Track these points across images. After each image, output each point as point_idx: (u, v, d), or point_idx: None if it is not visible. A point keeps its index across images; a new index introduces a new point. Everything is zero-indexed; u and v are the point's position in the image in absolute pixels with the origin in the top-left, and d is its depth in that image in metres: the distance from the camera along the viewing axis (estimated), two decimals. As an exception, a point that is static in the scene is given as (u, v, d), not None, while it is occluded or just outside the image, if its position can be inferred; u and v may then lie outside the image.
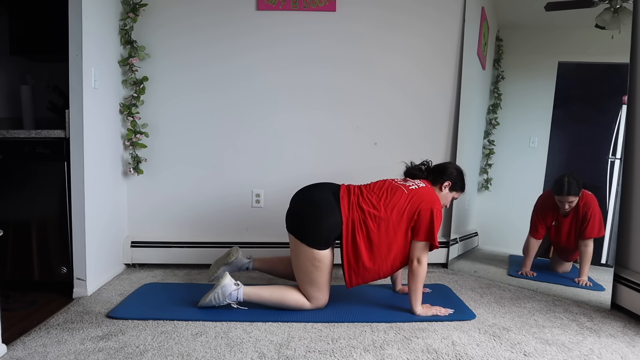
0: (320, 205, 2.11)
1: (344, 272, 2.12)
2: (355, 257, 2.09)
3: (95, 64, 2.44)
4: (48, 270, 2.39)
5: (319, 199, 2.13)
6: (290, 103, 2.98)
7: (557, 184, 2.65)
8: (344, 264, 2.10)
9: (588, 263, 2.49)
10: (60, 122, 2.41)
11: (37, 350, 1.75)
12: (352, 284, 2.14)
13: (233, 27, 2.93)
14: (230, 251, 2.43)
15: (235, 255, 2.41)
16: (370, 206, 2.10)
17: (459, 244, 3.09)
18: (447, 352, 1.78)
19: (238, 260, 2.42)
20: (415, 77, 3.01)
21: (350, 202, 2.12)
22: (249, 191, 3.01)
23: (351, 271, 2.11)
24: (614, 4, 2.44)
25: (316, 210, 2.09)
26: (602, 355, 1.79)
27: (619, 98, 2.40)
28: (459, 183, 2.33)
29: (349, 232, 2.08)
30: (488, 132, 3.03)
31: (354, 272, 2.11)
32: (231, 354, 1.74)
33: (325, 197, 2.14)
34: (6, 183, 2.36)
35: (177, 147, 2.96)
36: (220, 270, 2.39)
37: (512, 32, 3.01)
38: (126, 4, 2.77)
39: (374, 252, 2.09)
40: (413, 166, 2.34)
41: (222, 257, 2.45)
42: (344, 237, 2.08)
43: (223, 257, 2.44)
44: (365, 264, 2.09)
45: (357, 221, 2.08)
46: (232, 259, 2.40)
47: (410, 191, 2.15)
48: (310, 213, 2.10)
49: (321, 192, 2.18)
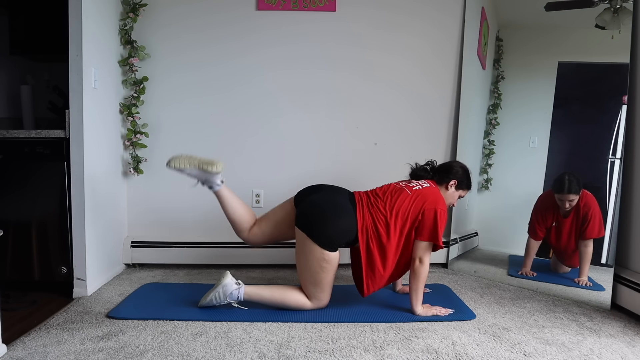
0: (339, 208, 2.10)
1: (362, 280, 2.11)
2: (371, 265, 2.10)
3: (95, 64, 2.44)
4: (48, 270, 2.39)
5: (337, 202, 2.13)
6: (290, 103, 2.98)
7: (557, 182, 2.65)
8: (363, 273, 2.10)
9: (588, 263, 2.49)
10: (60, 122, 2.41)
11: (37, 350, 1.75)
12: (370, 291, 2.14)
13: (233, 27, 2.93)
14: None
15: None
16: (378, 212, 2.11)
17: (459, 244, 3.09)
18: (447, 352, 1.78)
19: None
20: (415, 77, 3.01)
21: (364, 209, 2.12)
22: (249, 191, 3.01)
23: (369, 279, 2.12)
24: (614, 4, 2.43)
25: (335, 213, 2.08)
26: (602, 355, 1.79)
27: (619, 98, 2.40)
28: (465, 181, 2.33)
29: (364, 239, 2.08)
30: (488, 132, 3.03)
31: (371, 279, 2.12)
32: (231, 354, 1.74)
33: (343, 201, 2.14)
34: (6, 183, 2.36)
35: (177, 147, 2.96)
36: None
37: (512, 32, 3.01)
38: (126, 4, 2.77)
39: (387, 257, 2.09)
40: (418, 167, 2.35)
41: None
42: (361, 245, 2.08)
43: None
44: (380, 270, 2.10)
45: (369, 228, 2.08)
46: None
47: (413, 192, 2.15)
48: (327, 215, 2.08)
49: (338, 195, 2.18)
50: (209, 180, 2.25)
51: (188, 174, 2.22)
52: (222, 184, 2.28)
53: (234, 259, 2.94)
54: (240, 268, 2.92)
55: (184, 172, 2.21)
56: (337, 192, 2.21)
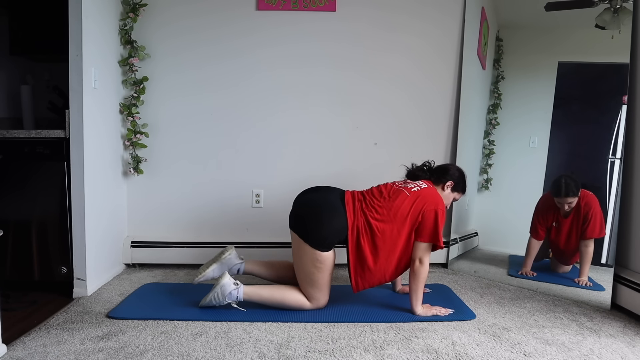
0: (328, 208, 2.11)
1: (350, 277, 2.13)
2: (361, 262, 2.10)
3: (95, 64, 2.44)
4: (48, 270, 2.39)
5: (327, 202, 2.14)
6: (290, 103, 2.98)
7: (555, 186, 2.65)
8: (351, 269, 2.11)
9: (588, 263, 2.49)
10: (60, 122, 2.41)
11: (37, 350, 1.75)
12: (359, 288, 2.15)
13: (233, 27, 2.93)
14: (224, 249, 2.36)
15: (229, 252, 2.34)
16: (374, 211, 2.11)
17: (459, 244, 3.09)
18: (447, 352, 1.78)
19: (230, 259, 2.33)
20: (415, 77, 3.01)
21: (355, 207, 2.13)
22: (249, 191, 3.01)
23: (357, 276, 2.12)
24: (614, 4, 2.44)
25: (324, 213, 2.09)
26: (602, 355, 1.79)
27: (619, 98, 2.40)
28: (461, 184, 2.34)
29: (353, 238, 2.09)
30: (488, 132, 3.03)
31: (360, 276, 2.12)
32: (231, 354, 1.74)
33: (333, 201, 2.14)
34: (6, 183, 2.36)
35: (177, 147, 2.96)
36: (209, 270, 2.29)
37: (512, 32, 3.01)
38: (126, 4, 2.77)
39: (379, 256, 2.09)
40: (415, 167, 2.35)
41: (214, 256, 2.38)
42: (350, 243, 2.09)
43: (216, 256, 2.37)
44: (371, 268, 2.10)
45: (361, 226, 2.09)
46: (224, 257, 2.32)
47: (412, 193, 2.15)
48: (317, 215, 2.09)
49: (328, 195, 2.18)
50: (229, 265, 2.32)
51: (212, 277, 2.28)
52: (243, 260, 2.37)
53: (234, 259, 2.94)
54: (240, 268, 2.92)
55: (206, 276, 2.27)
56: (328, 192, 2.22)
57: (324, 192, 2.22)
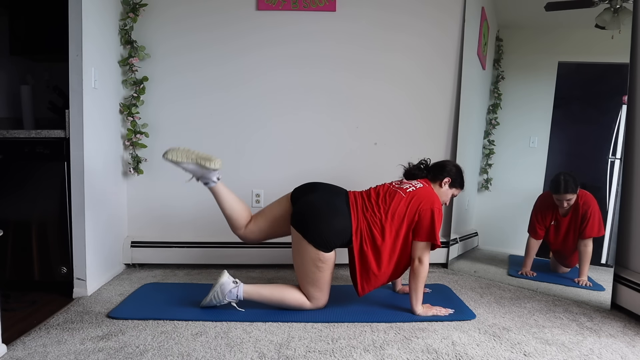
0: (334, 210, 2.10)
1: (356, 281, 2.12)
2: (365, 266, 2.10)
3: (95, 64, 2.44)
4: (48, 270, 2.39)
5: (333, 203, 2.13)
6: (290, 103, 2.98)
7: (554, 183, 2.65)
8: (357, 275, 2.11)
9: (588, 263, 2.49)
10: (60, 122, 2.41)
11: (37, 350, 1.75)
12: (365, 291, 2.15)
13: (233, 27, 2.93)
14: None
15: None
16: (373, 214, 2.11)
17: (459, 244, 3.09)
18: (447, 352, 1.78)
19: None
20: (415, 77, 3.01)
21: (358, 211, 2.12)
22: (249, 191, 3.01)
23: (363, 280, 2.12)
24: (614, 4, 2.44)
25: (330, 215, 2.08)
26: (602, 355, 1.79)
27: (619, 98, 2.40)
28: (459, 180, 2.34)
29: (358, 241, 2.08)
30: (488, 132, 3.03)
31: (365, 280, 2.12)
32: (231, 354, 1.74)
33: (339, 203, 2.14)
34: (6, 183, 2.36)
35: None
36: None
37: (512, 32, 3.01)
38: (126, 4, 2.77)
39: (382, 259, 2.09)
40: (412, 166, 2.35)
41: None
42: (355, 247, 2.08)
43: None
44: (374, 271, 2.10)
45: (364, 230, 2.09)
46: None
47: (407, 194, 2.15)
48: (323, 216, 2.08)
49: (334, 197, 2.17)
50: (205, 177, 2.21)
51: (184, 168, 2.18)
52: (218, 180, 2.25)
53: (234, 258, 2.95)
54: (240, 268, 2.92)
55: (180, 165, 2.16)
56: (333, 192, 2.21)
57: (329, 192, 2.21)
